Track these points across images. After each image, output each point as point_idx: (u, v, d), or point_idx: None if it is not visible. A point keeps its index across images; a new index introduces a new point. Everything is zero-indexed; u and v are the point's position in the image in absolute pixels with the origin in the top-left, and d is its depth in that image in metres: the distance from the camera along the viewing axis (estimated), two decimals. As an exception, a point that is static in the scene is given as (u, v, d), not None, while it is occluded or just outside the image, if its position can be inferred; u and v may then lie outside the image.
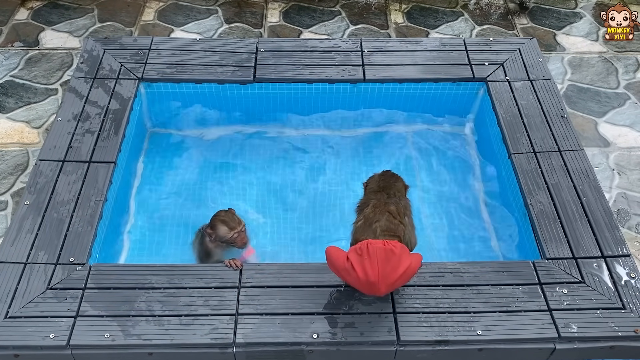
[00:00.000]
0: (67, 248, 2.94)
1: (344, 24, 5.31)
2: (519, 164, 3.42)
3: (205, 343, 2.61)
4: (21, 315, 2.67)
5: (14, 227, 3.03)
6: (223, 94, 3.93)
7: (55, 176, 3.26)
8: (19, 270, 2.84)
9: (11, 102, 4.44)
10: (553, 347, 2.67)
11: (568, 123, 3.64)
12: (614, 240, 3.04)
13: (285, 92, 3.95)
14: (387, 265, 2.43)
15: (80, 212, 3.10)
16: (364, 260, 2.43)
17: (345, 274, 2.50)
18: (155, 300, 2.74)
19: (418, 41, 4.21)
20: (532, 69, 3.97)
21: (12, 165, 4.01)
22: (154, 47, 4.04)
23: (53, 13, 5.28)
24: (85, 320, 2.66)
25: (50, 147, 3.41)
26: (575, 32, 5.32)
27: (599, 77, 4.85)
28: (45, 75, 4.68)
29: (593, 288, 2.84)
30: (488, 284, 2.85)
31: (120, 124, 3.56)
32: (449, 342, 2.64)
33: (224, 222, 3.14)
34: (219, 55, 3.99)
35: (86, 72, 3.87)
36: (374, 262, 2.41)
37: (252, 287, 2.82)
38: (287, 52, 4.05)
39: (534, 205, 3.21)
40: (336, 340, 2.63)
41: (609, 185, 4.02)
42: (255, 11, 5.42)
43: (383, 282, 2.43)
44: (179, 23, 5.23)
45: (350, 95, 4.00)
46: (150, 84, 3.88)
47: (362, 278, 2.42)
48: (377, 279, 2.41)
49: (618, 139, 4.35)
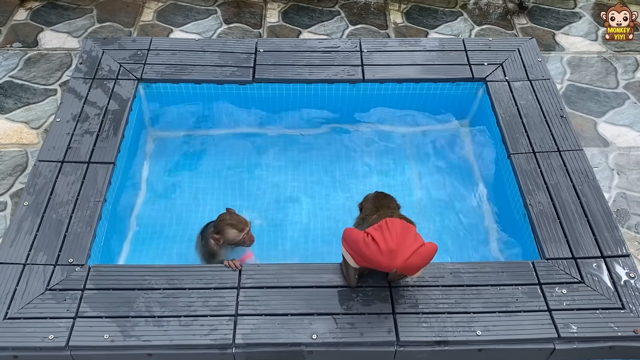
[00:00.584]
0: (66, 249, 2.94)
1: (343, 24, 5.30)
2: (518, 164, 3.42)
3: (205, 344, 2.61)
4: (20, 316, 2.67)
5: (13, 228, 3.03)
6: (222, 94, 3.93)
7: (54, 177, 3.26)
8: (18, 271, 2.84)
9: (10, 103, 4.43)
10: (553, 348, 2.67)
11: (567, 123, 3.64)
12: (613, 240, 3.04)
13: (284, 93, 3.95)
14: (406, 237, 2.54)
15: (80, 213, 3.10)
16: (383, 232, 2.54)
17: (365, 247, 2.54)
18: (155, 301, 2.74)
19: (417, 41, 4.21)
20: (531, 69, 3.97)
21: (11, 165, 4.00)
22: (153, 48, 4.03)
23: (52, 13, 5.27)
24: (84, 321, 2.66)
25: (49, 147, 3.41)
26: (574, 32, 5.32)
27: (598, 77, 4.85)
28: (44, 75, 4.67)
29: (592, 288, 2.84)
30: (487, 284, 2.85)
31: (120, 125, 3.55)
32: (448, 342, 2.64)
33: (232, 226, 3.12)
34: (218, 56, 3.99)
35: (85, 72, 3.86)
36: (394, 233, 2.53)
37: (251, 287, 2.81)
38: (287, 52, 4.05)
39: (534, 205, 3.21)
40: (336, 341, 2.62)
41: (609, 185, 4.02)
42: (254, 11, 5.41)
43: (401, 251, 2.50)
44: (178, 23, 5.23)
45: (350, 96, 3.99)
46: (149, 85, 3.88)
47: (382, 247, 2.49)
48: (397, 247, 2.49)
49: (617, 138, 4.35)
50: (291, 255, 3.47)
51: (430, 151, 4.04)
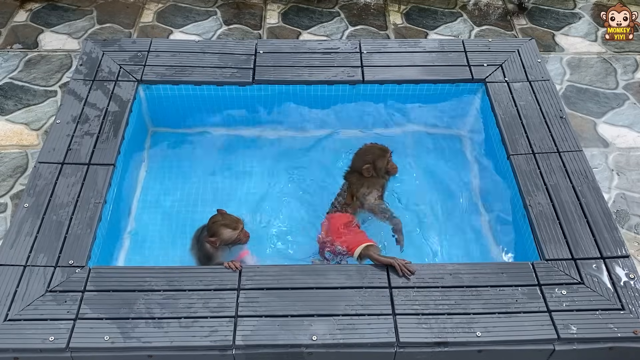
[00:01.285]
0: (66, 250, 2.94)
1: (343, 25, 5.31)
2: (518, 165, 3.42)
3: (205, 345, 2.61)
4: (20, 318, 2.68)
5: (13, 229, 3.03)
6: (222, 95, 3.93)
7: (54, 178, 3.26)
8: (18, 272, 2.85)
9: (10, 104, 4.44)
10: (552, 349, 2.67)
11: (567, 124, 3.64)
12: (613, 241, 3.04)
13: (284, 94, 3.95)
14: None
15: (80, 215, 3.10)
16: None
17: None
18: (155, 303, 2.74)
19: (417, 42, 4.21)
20: (530, 70, 3.97)
21: (11, 167, 4.01)
22: (153, 49, 4.04)
23: (52, 15, 5.28)
24: (84, 323, 2.66)
25: (50, 149, 3.41)
26: (574, 32, 5.32)
27: (597, 78, 4.85)
28: (44, 77, 4.68)
29: (592, 289, 2.85)
30: (487, 286, 2.85)
31: (120, 126, 3.56)
32: (448, 343, 2.65)
33: (226, 226, 3.16)
34: (218, 57, 3.99)
35: (85, 74, 3.87)
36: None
37: (251, 289, 2.82)
38: (286, 53, 4.05)
39: (533, 206, 3.21)
40: (335, 342, 2.63)
41: (608, 185, 4.02)
42: (254, 12, 5.42)
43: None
44: (178, 24, 5.23)
45: (349, 97, 3.99)
46: (149, 86, 3.88)
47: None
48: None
49: (617, 139, 4.36)
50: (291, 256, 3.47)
51: (429, 152, 4.04)
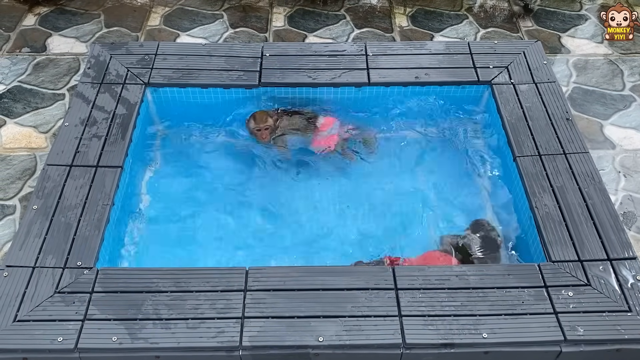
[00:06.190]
0: (74, 252, 2.97)
1: (349, 27, 5.32)
2: (524, 167, 3.42)
3: (212, 346, 2.62)
4: (29, 319, 2.70)
5: (22, 231, 3.06)
6: (229, 98, 3.96)
7: (62, 181, 3.29)
8: (27, 274, 2.87)
9: (19, 107, 4.47)
10: (559, 350, 2.67)
11: (573, 125, 3.64)
12: (620, 243, 3.04)
13: (290, 96, 3.97)
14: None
15: (88, 217, 3.13)
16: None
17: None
18: (162, 304, 2.76)
19: (423, 44, 4.22)
20: (536, 72, 3.97)
21: (20, 169, 4.04)
22: (160, 52, 4.06)
23: (60, 19, 5.32)
24: (92, 324, 2.68)
25: (58, 151, 3.44)
26: (580, 34, 5.31)
27: (604, 80, 4.83)
28: (53, 80, 4.71)
29: (599, 291, 2.84)
30: (493, 287, 2.85)
31: (127, 129, 3.58)
32: (454, 345, 2.65)
33: (254, 117, 3.87)
34: (225, 60, 4.01)
35: (93, 77, 3.90)
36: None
37: (258, 290, 2.83)
38: (292, 56, 4.07)
39: (539, 208, 3.21)
40: (342, 344, 2.63)
41: (615, 187, 4.00)
42: (260, 15, 5.44)
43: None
44: (185, 28, 5.25)
45: (355, 99, 4.01)
46: (156, 89, 3.90)
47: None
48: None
49: (624, 141, 4.34)
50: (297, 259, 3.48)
51: (435, 154, 4.04)
